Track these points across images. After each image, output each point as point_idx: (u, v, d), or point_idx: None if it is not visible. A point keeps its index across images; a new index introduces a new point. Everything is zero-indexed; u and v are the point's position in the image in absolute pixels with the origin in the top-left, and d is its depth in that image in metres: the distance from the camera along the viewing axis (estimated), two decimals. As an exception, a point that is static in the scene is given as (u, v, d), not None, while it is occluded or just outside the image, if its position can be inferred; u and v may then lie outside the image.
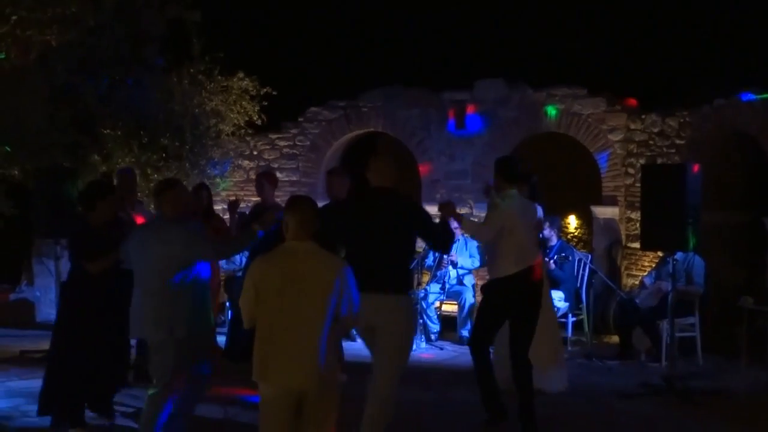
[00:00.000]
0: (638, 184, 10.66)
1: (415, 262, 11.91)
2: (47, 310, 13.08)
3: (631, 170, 12.39)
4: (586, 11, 17.24)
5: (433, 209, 12.54)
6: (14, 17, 9.72)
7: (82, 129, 12.06)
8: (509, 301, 7.49)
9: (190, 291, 6.50)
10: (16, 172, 11.90)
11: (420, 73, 15.50)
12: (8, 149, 11.52)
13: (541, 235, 10.48)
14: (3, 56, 10.09)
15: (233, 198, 11.16)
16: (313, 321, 5.41)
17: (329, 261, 5.56)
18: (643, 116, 12.39)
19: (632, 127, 12.52)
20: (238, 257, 10.96)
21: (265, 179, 10.17)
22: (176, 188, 6.79)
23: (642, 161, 11.94)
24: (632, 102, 12.90)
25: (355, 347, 9.41)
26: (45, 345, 10.58)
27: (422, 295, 11.66)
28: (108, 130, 12.04)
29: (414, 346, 10.96)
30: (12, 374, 9.58)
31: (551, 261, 11.04)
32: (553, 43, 17.16)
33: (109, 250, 7.13)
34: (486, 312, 7.67)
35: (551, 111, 13.02)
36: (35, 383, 8.96)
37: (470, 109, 13.42)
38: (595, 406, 8.53)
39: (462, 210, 11.68)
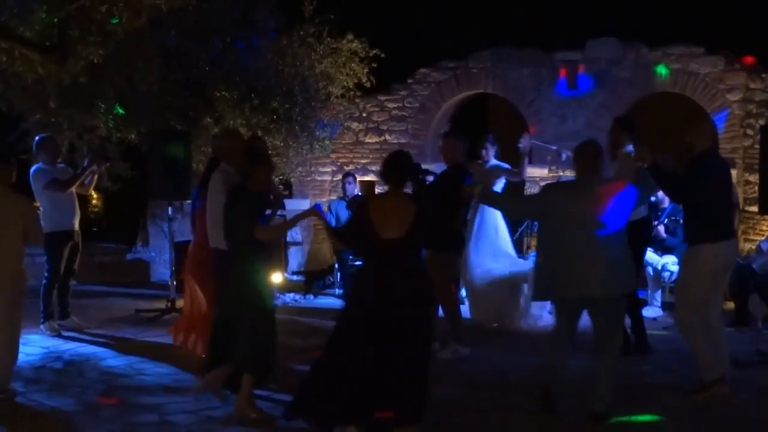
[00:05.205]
0: (757, 146, 10.30)
1: (524, 225, 11.77)
2: (161, 270, 13.40)
3: (749, 131, 12.00)
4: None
5: (543, 171, 12.46)
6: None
7: (195, 92, 12.24)
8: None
9: None
10: (133, 136, 12.15)
11: (530, 33, 15.24)
12: (122, 112, 11.76)
13: (654, 198, 10.26)
14: (116, 20, 10.25)
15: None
16: None
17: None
18: (764, 75, 11.97)
19: (752, 86, 12.11)
20: None
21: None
22: None
23: (761, 122, 11.54)
24: (751, 60, 12.44)
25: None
26: (159, 304, 10.93)
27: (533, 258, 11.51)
28: (220, 93, 12.16)
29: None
30: (127, 332, 9.84)
31: (662, 225, 10.77)
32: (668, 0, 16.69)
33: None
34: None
35: (662, 70, 12.67)
36: (149, 341, 9.26)
37: (582, 69, 13.15)
38: (708, 373, 8.30)
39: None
